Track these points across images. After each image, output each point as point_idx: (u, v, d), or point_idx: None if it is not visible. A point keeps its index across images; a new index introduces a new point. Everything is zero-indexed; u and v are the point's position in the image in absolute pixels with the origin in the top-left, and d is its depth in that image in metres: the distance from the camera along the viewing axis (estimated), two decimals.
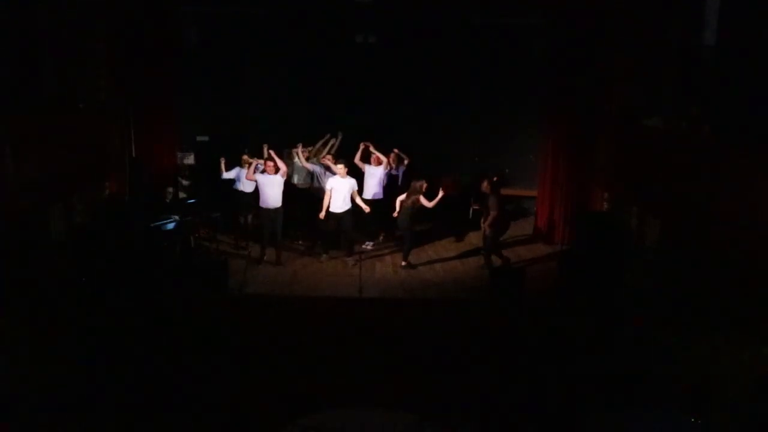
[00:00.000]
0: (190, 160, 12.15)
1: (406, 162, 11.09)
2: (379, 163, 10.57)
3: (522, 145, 12.75)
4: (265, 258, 9.98)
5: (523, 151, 12.79)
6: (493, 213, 9.62)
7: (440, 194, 9.74)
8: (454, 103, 13.01)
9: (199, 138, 12.95)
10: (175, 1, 11.05)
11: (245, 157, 10.53)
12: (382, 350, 7.36)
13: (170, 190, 10.46)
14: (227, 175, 10.62)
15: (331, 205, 9.76)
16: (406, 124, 13.01)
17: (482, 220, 9.84)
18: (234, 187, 10.69)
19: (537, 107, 11.69)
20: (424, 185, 9.81)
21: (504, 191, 10.28)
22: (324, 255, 10.22)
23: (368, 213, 9.97)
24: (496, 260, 9.98)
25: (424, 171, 10.67)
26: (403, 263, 10.08)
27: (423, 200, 9.76)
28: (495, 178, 9.93)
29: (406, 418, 5.22)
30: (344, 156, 10.54)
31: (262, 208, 9.87)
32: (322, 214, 9.77)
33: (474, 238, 11.29)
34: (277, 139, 11.32)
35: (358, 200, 9.93)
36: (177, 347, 7.26)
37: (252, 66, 12.99)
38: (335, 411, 5.46)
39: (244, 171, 10.40)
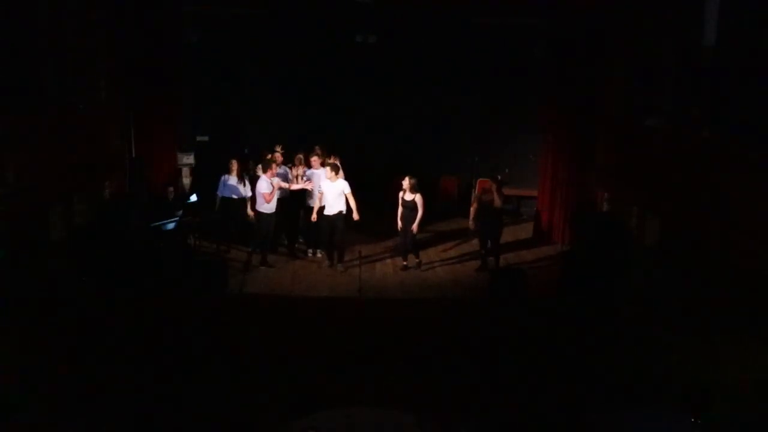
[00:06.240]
0: (189, 160, 12.14)
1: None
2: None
3: (522, 145, 12.76)
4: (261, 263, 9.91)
5: (523, 151, 12.80)
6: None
7: None
8: (454, 104, 13.02)
9: (199, 138, 12.96)
10: (175, 1, 11.05)
11: (233, 162, 10.29)
12: (383, 350, 7.36)
13: (170, 189, 10.41)
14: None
15: (324, 209, 9.61)
16: (406, 124, 13.01)
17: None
18: (221, 194, 10.27)
19: (537, 107, 11.69)
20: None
21: (504, 191, 10.25)
22: (328, 263, 9.95)
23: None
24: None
25: (424, 171, 10.67)
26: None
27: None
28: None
29: (406, 418, 5.21)
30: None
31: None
32: (313, 217, 9.72)
33: (473, 238, 11.31)
34: (276, 139, 11.33)
35: (353, 204, 9.57)
36: (177, 347, 7.25)
37: (252, 66, 12.98)
38: (335, 411, 5.44)
39: (231, 178, 10.25)
